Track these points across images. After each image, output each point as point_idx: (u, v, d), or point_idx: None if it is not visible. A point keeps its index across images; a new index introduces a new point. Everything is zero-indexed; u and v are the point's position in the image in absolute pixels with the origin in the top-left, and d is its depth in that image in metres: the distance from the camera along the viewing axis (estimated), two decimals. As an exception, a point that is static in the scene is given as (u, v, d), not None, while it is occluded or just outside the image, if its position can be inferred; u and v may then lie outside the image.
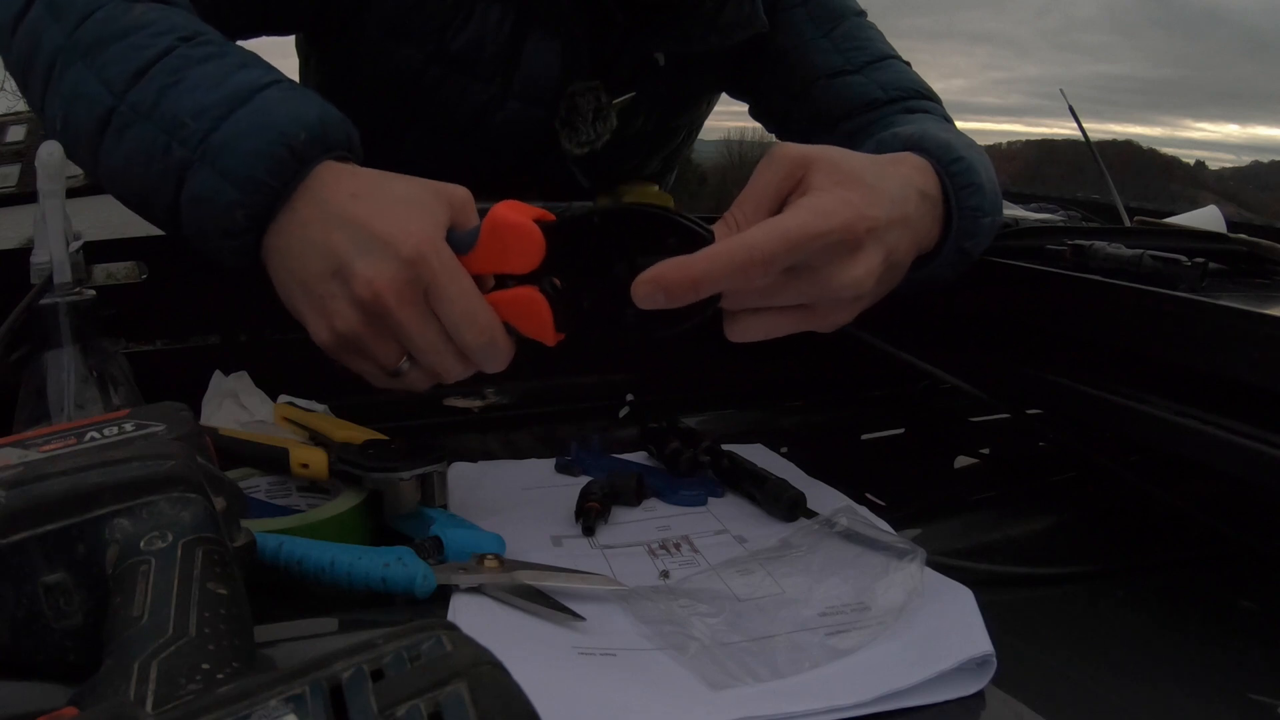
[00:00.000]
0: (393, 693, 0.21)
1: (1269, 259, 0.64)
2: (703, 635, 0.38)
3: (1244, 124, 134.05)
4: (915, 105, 0.72)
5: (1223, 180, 39.98)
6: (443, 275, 0.43)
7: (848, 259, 0.43)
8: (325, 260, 0.44)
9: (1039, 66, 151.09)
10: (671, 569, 0.45)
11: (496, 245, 0.44)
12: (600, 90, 0.76)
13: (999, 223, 0.57)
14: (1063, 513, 0.58)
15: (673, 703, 0.34)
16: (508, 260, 0.44)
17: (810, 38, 0.76)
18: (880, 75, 0.74)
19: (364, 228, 0.44)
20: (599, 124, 0.77)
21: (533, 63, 0.73)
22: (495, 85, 0.74)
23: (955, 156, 0.52)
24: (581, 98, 0.75)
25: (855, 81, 0.73)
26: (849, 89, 0.73)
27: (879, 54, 0.76)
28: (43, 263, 0.49)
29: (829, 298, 0.45)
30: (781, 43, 0.77)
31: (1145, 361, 0.50)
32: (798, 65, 0.76)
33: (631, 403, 0.71)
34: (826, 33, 0.76)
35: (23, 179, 6.48)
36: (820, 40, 0.76)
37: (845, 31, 0.76)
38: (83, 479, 0.32)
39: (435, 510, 0.48)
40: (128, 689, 0.25)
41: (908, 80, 0.74)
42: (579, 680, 0.36)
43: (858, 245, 0.43)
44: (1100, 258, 0.60)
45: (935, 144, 0.53)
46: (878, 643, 0.38)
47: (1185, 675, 0.40)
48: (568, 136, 0.77)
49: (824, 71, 0.75)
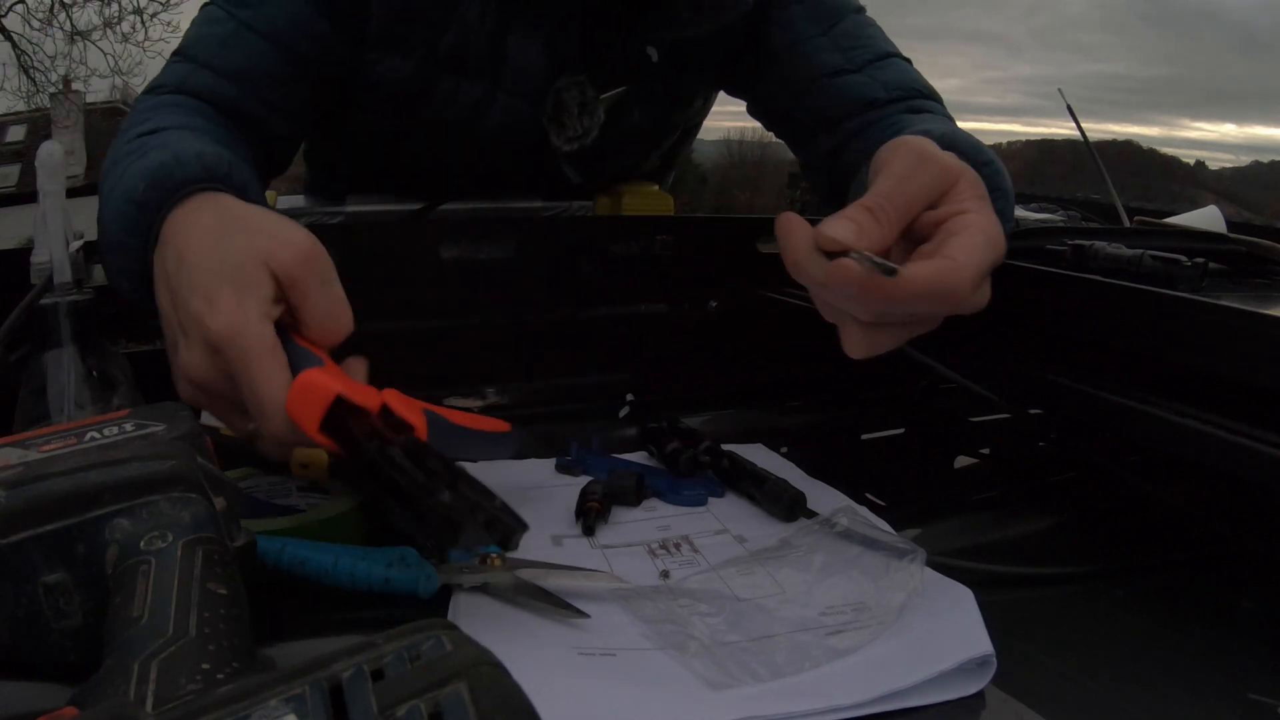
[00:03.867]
0: (393, 693, 0.21)
1: (1269, 259, 0.64)
2: (703, 635, 0.38)
3: (1241, 123, 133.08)
4: (918, 105, 0.71)
5: (1222, 180, 39.97)
6: (239, 363, 0.39)
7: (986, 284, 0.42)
8: (166, 326, 0.45)
9: (1033, 66, 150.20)
10: (672, 569, 0.45)
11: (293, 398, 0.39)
12: (586, 85, 0.76)
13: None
14: (1063, 513, 0.58)
15: (673, 703, 0.34)
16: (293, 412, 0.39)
17: (808, 35, 0.75)
18: (882, 74, 0.73)
19: (182, 304, 0.42)
20: (585, 119, 0.76)
21: (518, 59, 0.73)
22: (484, 83, 0.74)
23: (986, 159, 0.52)
24: (567, 93, 0.75)
25: (857, 81, 0.72)
26: (851, 88, 0.72)
27: (881, 52, 0.74)
28: (43, 263, 0.49)
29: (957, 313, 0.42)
30: (778, 41, 0.76)
31: (1145, 361, 0.50)
32: (797, 63, 0.75)
33: (631, 403, 0.71)
34: (826, 30, 0.75)
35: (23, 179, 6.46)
36: (819, 38, 0.75)
37: (845, 30, 0.75)
38: (83, 479, 0.32)
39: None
40: (128, 689, 0.25)
41: (910, 79, 0.73)
42: (580, 680, 0.36)
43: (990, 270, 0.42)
44: (1100, 258, 0.60)
45: (967, 146, 0.52)
46: (878, 642, 0.38)
47: (1185, 675, 0.40)
48: (555, 133, 0.77)
49: (824, 70, 0.74)
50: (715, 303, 0.78)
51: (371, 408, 0.39)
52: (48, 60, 9.30)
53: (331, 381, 0.38)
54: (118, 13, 9.26)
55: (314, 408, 0.38)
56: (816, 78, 0.74)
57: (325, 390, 0.38)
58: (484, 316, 0.69)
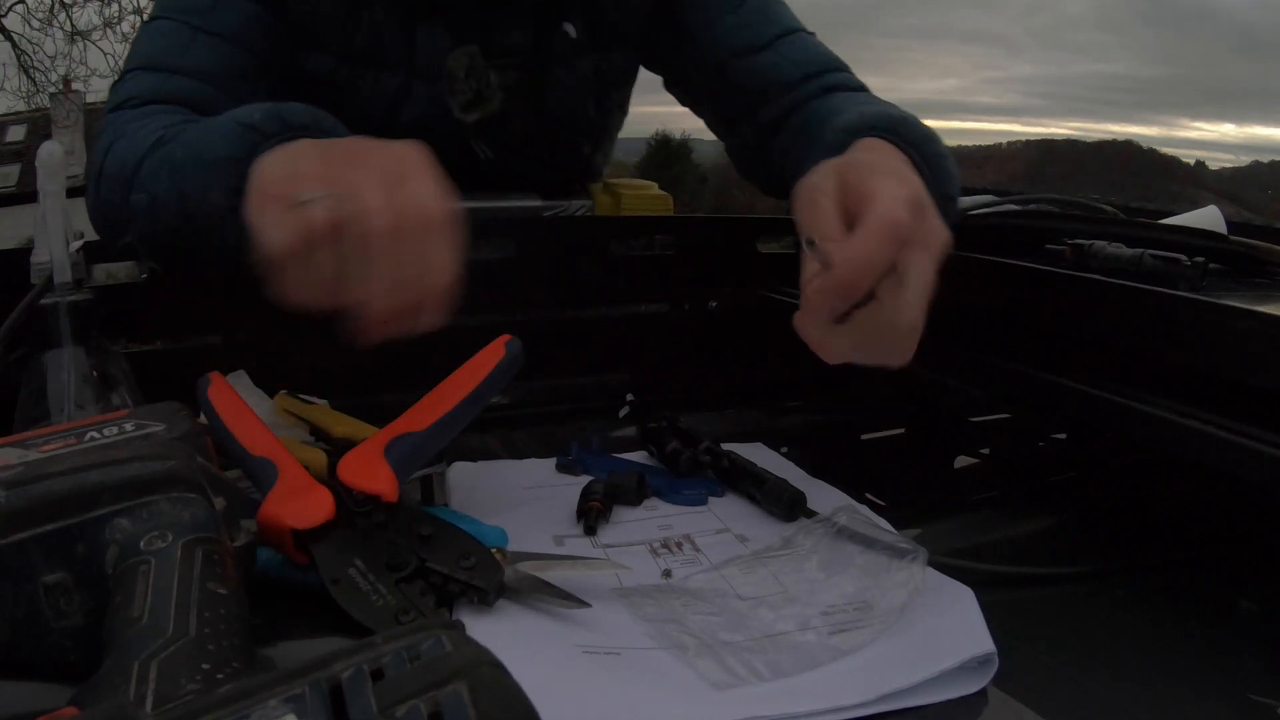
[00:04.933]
0: (393, 693, 0.21)
1: (1269, 259, 0.64)
2: (705, 634, 0.38)
3: (1240, 123, 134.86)
4: (829, 80, 0.74)
5: (1222, 180, 39.95)
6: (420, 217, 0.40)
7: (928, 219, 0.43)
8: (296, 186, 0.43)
9: (1032, 66, 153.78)
10: (674, 568, 0.45)
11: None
12: (476, 53, 0.77)
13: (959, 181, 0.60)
14: (1063, 513, 0.58)
15: (678, 702, 0.34)
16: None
17: (717, 14, 0.77)
18: (790, 51, 0.75)
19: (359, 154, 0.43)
20: (472, 81, 0.78)
21: (426, 48, 0.75)
22: (401, 74, 0.76)
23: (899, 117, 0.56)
24: (455, 61, 0.77)
25: (768, 60, 0.75)
26: (763, 69, 0.75)
27: (787, 27, 0.77)
28: (43, 263, 0.49)
29: (937, 257, 0.43)
30: (691, 20, 0.79)
31: (1145, 361, 0.50)
32: (708, 42, 0.78)
33: (631, 403, 0.71)
34: (735, 9, 0.77)
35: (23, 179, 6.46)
36: (729, 16, 0.77)
37: (754, 6, 0.78)
38: (83, 479, 0.32)
39: (437, 509, 0.48)
40: (128, 689, 0.25)
41: (817, 54, 0.76)
42: (584, 680, 0.36)
43: (924, 204, 0.43)
44: (1100, 257, 0.60)
45: (898, 121, 0.56)
46: (880, 642, 0.38)
47: (1185, 675, 0.40)
48: (451, 103, 0.78)
49: (735, 49, 0.76)
50: (715, 303, 0.78)
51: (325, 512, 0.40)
52: (48, 60, 9.30)
53: (281, 512, 0.40)
54: (118, 13, 9.25)
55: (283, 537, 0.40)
56: (728, 57, 0.76)
57: (280, 523, 0.40)
58: (483, 316, 0.70)
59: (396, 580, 0.39)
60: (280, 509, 0.40)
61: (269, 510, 0.40)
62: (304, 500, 0.41)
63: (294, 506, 0.40)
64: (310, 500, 0.41)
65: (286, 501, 0.41)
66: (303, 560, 0.40)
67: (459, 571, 0.39)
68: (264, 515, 0.40)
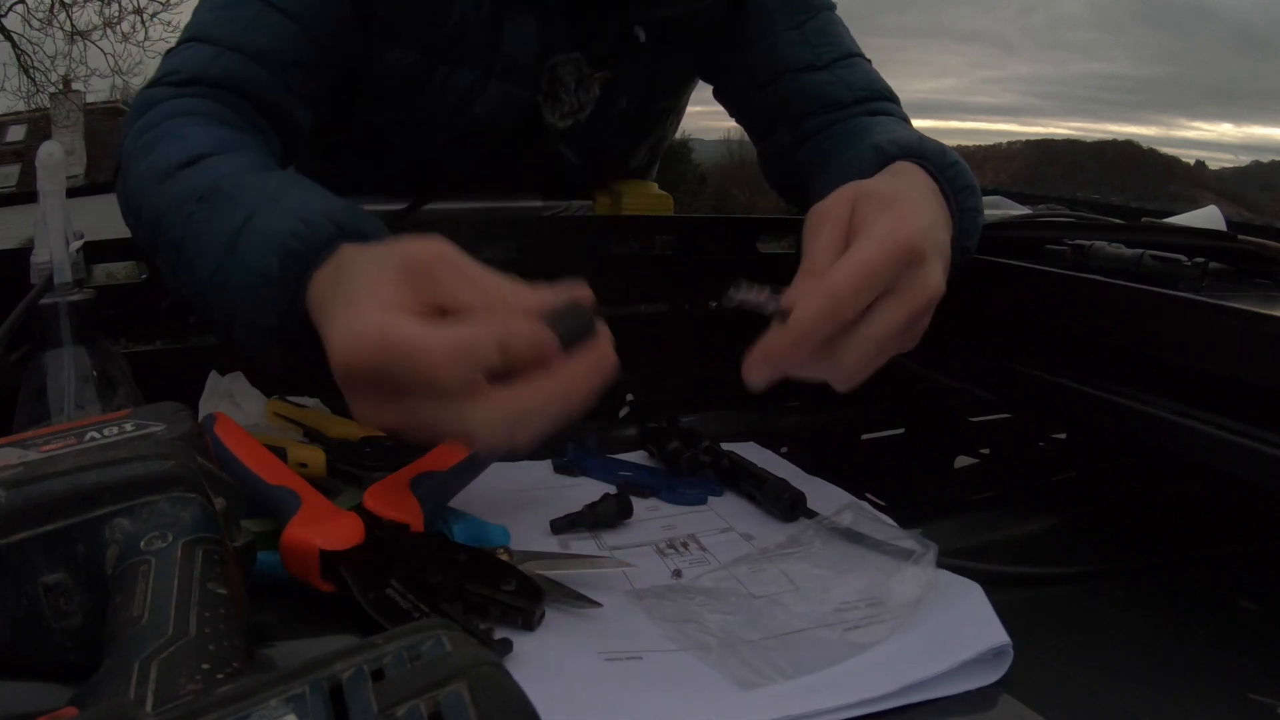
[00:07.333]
0: (393, 693, 0.21)
1: (1270, 259, 0.64)
2: (724, 633, 0.38)
3: (1239, 123, 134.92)
4: (877, 107, 0.73)
5: (1222, 180, 39.96)
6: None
7: (919, 268, 0.43)
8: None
9: (1029, 65, 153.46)
10: (682, 568, 0.45)
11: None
12: (581, 62, 0.77)
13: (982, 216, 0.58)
14: (1063, 513, 0.58)
15: (708, 705, 0.34)
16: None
17: (781, 28, 0.77)
18: (847, 74, 0.75)
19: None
20: (582, 93, 0.77)
21: (512, 42, 0.74)
22: (478, 70, 0.75)
23: (951, 161, 0.53)
24: (563, 69, 0.76)
25: (823, 79, 0.74)
26: (816, 87, 0.74)
27: (847, 51, 0.77)
28: (43, 263, 0.49)
29: (916, 310, 0.43)
30: (753, 29, 0.78)
31: (1145, 361, 0.50)
32: (767, 53, 0.77)
33: (631, 403, 0.71)
34: (799, 24, 0.77)
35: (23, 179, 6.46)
36: (791, 32, 0.77)
37: (817, 26, 0.77)
38: (83, 479, 0.32)
39: (438, 509, 0.48)
40: (128, 689, 0.25)
41: (872, 81, 0.75)
42: (611, 687, 0.35)
43: (920, 254, 0.43)
44: (1100, 258, 0.60)
45: (932, 150, 0.53)
46: (896, 637, 0.38)
47: (1185, 675, 0.40)
48: (551, 109, 0.78)
49: (793, 65, 0.76)
50: (715, 303, 0.78)
51: (355, 535, 0.40)
52: (48, 60, 9.30)
53: (309, 534, 0.39)
54: (118, 13, 9.26)
55: (308, 562, 0.39)
56: (784, 71, 0.76)
57: (308, 545, 0.39)
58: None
59: (436, 602, 0.38)
60: (308, 531, 0.39)
61: (295, 533, 0.39)
62: (332, 524, 0.40)
63: (323, 530, 0.39)
64: (339, 524, 0.40)
65: (313, 525, 0.40)
66: (328, 589, 0.39)
67: (500, 594, 0.39)
68: (290, 538, 0.39)
